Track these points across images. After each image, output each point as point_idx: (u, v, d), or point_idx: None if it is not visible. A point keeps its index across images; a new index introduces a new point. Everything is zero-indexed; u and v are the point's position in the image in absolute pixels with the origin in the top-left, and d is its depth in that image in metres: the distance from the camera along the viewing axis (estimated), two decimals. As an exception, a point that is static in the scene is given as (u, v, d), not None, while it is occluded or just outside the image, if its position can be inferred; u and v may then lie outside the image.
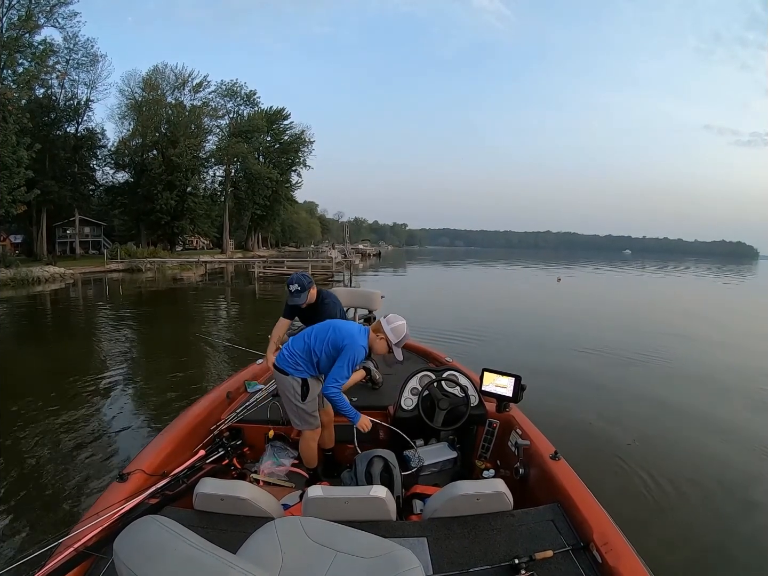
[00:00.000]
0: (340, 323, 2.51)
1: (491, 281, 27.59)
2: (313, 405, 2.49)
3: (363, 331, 2.45)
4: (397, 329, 2.42)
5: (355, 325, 2.53)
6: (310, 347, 2.42)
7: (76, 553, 1.55)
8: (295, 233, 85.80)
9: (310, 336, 2.46)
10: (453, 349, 6.21)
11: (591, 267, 45.10)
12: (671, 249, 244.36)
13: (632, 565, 1.51)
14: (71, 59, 32.20)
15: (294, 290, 2.97)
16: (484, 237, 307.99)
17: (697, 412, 5.42)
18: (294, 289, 2.96)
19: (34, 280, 21.16)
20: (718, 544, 3.02)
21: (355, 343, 2.35)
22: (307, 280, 3.01)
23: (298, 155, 52.63)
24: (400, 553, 1.32)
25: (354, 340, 2.35)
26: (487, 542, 1.70)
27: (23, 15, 23.62)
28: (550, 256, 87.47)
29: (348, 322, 2.62)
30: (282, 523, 1.49)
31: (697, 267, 53.90)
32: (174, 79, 41.34)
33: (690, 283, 30.46)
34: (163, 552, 0.97)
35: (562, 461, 2.17)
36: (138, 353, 8.21)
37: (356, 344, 2.35)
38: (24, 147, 22.47)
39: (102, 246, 38.26)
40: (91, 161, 37.79)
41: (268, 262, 30.52)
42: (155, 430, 3.34)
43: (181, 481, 2.15)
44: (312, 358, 2.42)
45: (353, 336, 2.38)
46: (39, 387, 6.01)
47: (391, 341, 2.41)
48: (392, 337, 2.40)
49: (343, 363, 2.33)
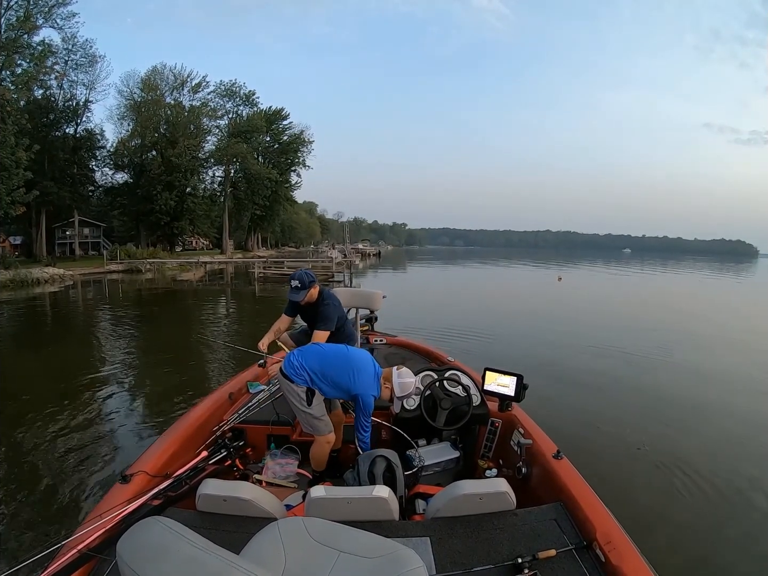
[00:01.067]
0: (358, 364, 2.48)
1: (492, 281, 27.63)
2: (320, 409, 2.46)
3: (377, 381, 2.48)
4: (405, 385, 2.44)
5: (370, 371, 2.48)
6: (324, 373, 2.42)
7: (79, 554, 1.55)
8: (294, 233, 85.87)
9: (324, 362, 2.45)
10: (455, 349, 6.21)
11: (591, 266, 45.17)
12: (671, 247, 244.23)
13: (635, 564, 1.50)
14: (70, 60, 32.18)
15: (294, 286, 2.95)
16: (484, 236, 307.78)
17: (703, 409, 5.43)
18: (294, 285, 2.94)
19: (33, 282, 21.15)
20: (722, 544, 3.01)
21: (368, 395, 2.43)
22: (309, 278, 2.98)
23: (298, 155, 52.63)
24: (403, 553, 1.32)
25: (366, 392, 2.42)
26: (490, 542, 1.69)
27: (22, 16, 23.60)
28: (550, 255, 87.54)
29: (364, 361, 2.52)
30: (285, 523, 1.48)
31: (696, 266, 53.82)
32: (173, 79, 41.38)
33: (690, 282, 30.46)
34: (166, 553, 0.97)
35: (564, 460, 2.17)
36: (139, 355, 8.20)
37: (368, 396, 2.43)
38: (23, 148, 22.50)
39: (102, 247, 38.26)
40: (90, 162, 37.82)
41: (268, 263, 30.53)
42: (157, 432, 3.34)
43: (183, 482, 2.14)
44: (319, 381, 2.42)
45: (366, 388, 2.42)
46: (40, 389, 6.01)
47: (395, 394, 2.45)
48: (398, 390, 2.44)
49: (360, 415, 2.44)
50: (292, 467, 2.73)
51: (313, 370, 2.42)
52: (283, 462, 2.76)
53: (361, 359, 2.51)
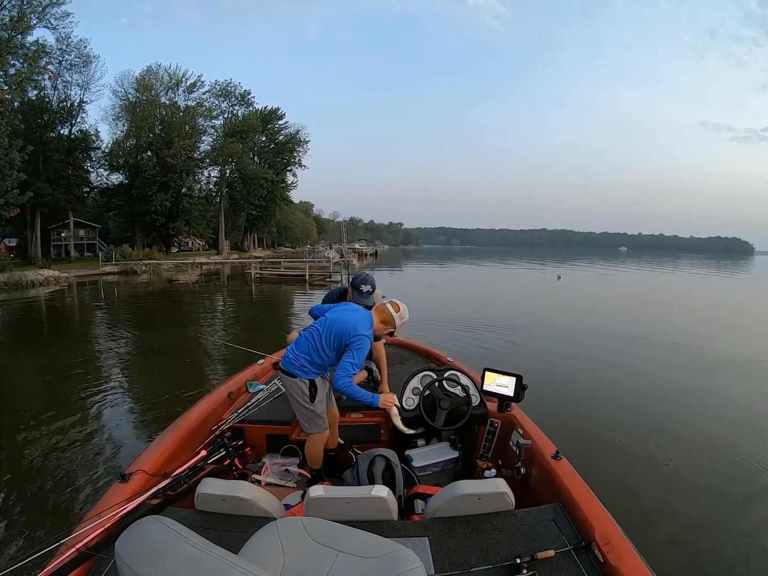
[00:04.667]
0: (342, 315, 2.43)
1: (489, 280, 27.55)
2: (321, 406, 2.46)
3: (368, 321, 2.42)
4: (404, 325, 2.52)
5: (358, 314, 2.45)
6: (317, 347, 2.36)
7: (77, 553, 1.55)
8: (291, 233, 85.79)
9: (312, 336, 2.40)
10: (454, 349, 6.20)
11: (588, 264, 45.21)
12: (667, 245, 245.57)
13: (634, 565, 1.51)
14: (64, 60, 31.96)
15: (366, 291, 2.89)
16: (480, 235, 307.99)
17: (703, 409, 5.45)
18: (366, 290, 2.90)
19: (28, 284, 21.00)
20: (722, 543, 3.01)
21: (363, 334, 2.34)
22: (373, 281, 2.97)
23: (293, 155, 52.57)
24: (401, 553, 1.31)
25: (360, 334, 2.33)
26: (489, 542, 1.69)
27: (15, 16, 23.38)
28: (546, 254, 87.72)
29: (349, 309, 2.52)
30: (283, 523, 1.48)
31: (692, 263, 54.02)
32: (168, 79, 41.16)
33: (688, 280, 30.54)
34: (164, 552, 0.97)
35: (563, 461, 2.17)
36: (136, 355, 8.17)
37: (364, 338, 2.33)
38: (16, 149, 22.32)
39: (97, 248, 38.09)
40: (85, 163, 37.58)
41: (265, 263, 30.43)
42: (156, 431, 3.33)
43: (182, 482, 2.14)
44: (318, 359, 2.37)
45: (357, 329, 2.34)
46: (37, 390, 5.99)
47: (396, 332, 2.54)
48: (399, 331, 2.53)
49: (353, 354, 2.29)
50: (291, 467, 2.72)
51: (305, 351, 2.38)
52: (282, 461, 2.76)
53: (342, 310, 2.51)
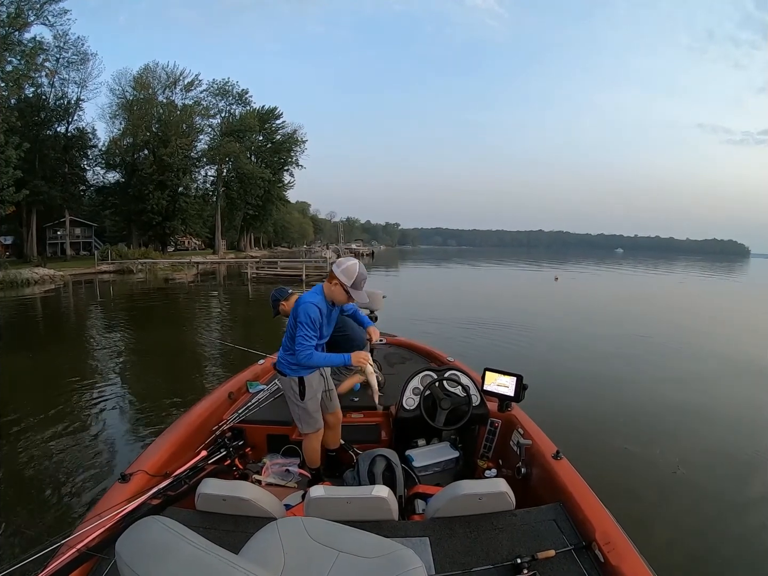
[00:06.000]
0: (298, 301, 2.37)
1: (488, 281, 27.61)
2: (314, 404, 2.46)
3: (314, 289, 2.37)
4: (348, 270, 2.25)
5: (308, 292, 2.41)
6: (289, 341, 2.37)
7: (78, 553, 1.54)
8: (287, 233, 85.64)
9: (287, 332, 2.42)
10: (454, 349, 6.21)
11: (585, 265, 45.37)
12: (663, 247, 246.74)
13: (635, 565, 1.51)
14: (61, 57, 31.88)
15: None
16: (477, 236, 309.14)
17: (703, 409, 5.45)
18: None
19: (23, 282, 20.91)
20: (722, 543, 3.02)
21: (303, 302, 2.27)
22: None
23: (291, 155, 52.47)
24: (402, 553, 1.31)
25: (301, 301, 2.29)
26: (490, 542, 1.69)
27: (12, 12, 23.29)
28: (542, 255, 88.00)
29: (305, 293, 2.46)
30: (284, 523, 1.47)
31: (689, 265, 54.24)
32: (165, 78, 41.12)
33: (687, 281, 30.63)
34: (165, 552, 0.96)
35: (564, 461, 2.17)
36: (135, 355, 8.13)
37: (303, 302, 2.26)
38: (13, 146, 22.23)
39: (93, 247, 37.96)
40: (81, 161, 37.46)
41: (261, 263, 30.39)
42: (157, 431, 3.32)
43: (183, 482, 2.13)
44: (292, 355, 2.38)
45: (300, 298, 2.33)
46: (36, 391, 5.95)
47: (346, 284, 2.25)
48: (345, 279, 2.24)
49: (301, 326, 2.23)
50: (292, 467, 2.72)
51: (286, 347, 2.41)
52: (283, 462, 2.76)
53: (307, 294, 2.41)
